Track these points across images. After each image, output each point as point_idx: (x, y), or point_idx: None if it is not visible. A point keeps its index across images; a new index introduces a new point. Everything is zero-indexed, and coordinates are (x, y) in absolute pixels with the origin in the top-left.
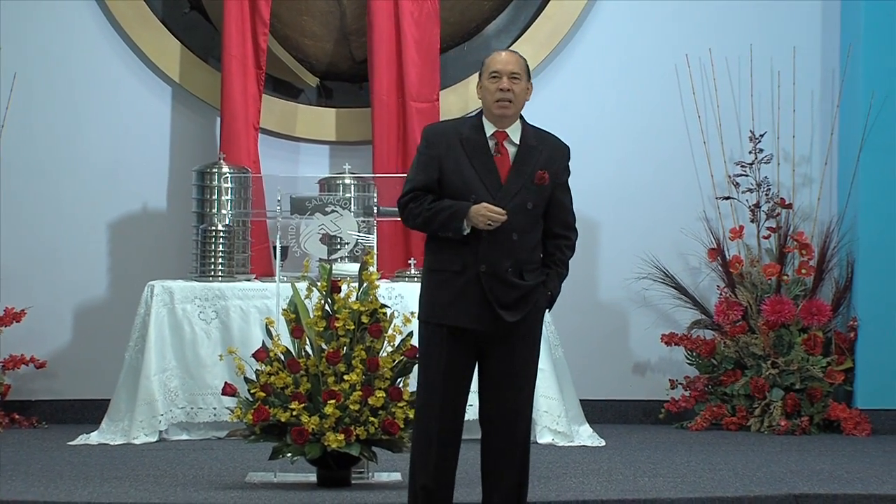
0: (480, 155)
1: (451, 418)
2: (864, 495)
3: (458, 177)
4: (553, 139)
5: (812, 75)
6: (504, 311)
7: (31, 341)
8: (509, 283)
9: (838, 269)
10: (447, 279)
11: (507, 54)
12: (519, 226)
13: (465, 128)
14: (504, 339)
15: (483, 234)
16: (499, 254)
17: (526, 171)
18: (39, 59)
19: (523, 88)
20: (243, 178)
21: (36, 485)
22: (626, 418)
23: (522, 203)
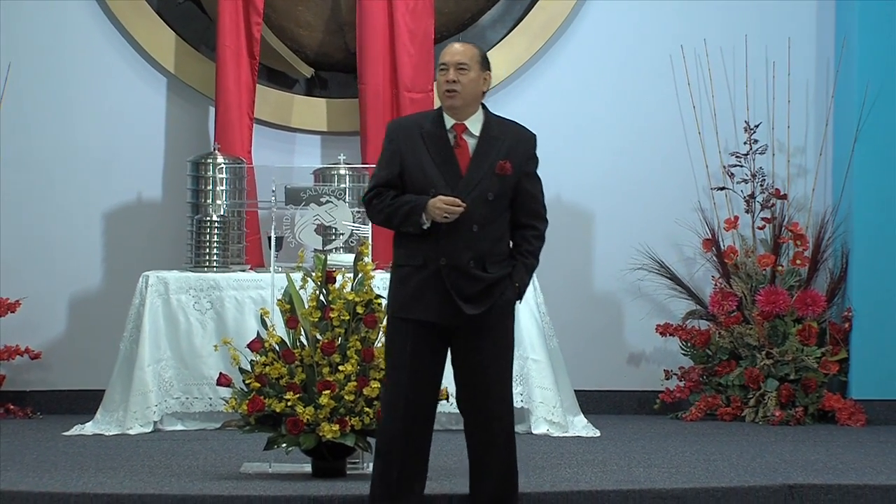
0: (440, 148)
1: (419, 414)
2: (859, 485)
3: (418, 171)
4: (517, 128)
5: (807, 66)
6: (466, 303)
7: (25, 332)
8: (471, 276)
9: (833, 260)
10: (410, 274)
11: (457, 46)
12: (479, 217)
13: (427, 121)
14: (472, 331)
15: (442, 227)
16: (459, 246)
17: (486, 162)
18: (33, 50)
19: (473, 79)
20: (238, 168)
21: (30, 475)
22: (621, 409)
23: (482, 194)
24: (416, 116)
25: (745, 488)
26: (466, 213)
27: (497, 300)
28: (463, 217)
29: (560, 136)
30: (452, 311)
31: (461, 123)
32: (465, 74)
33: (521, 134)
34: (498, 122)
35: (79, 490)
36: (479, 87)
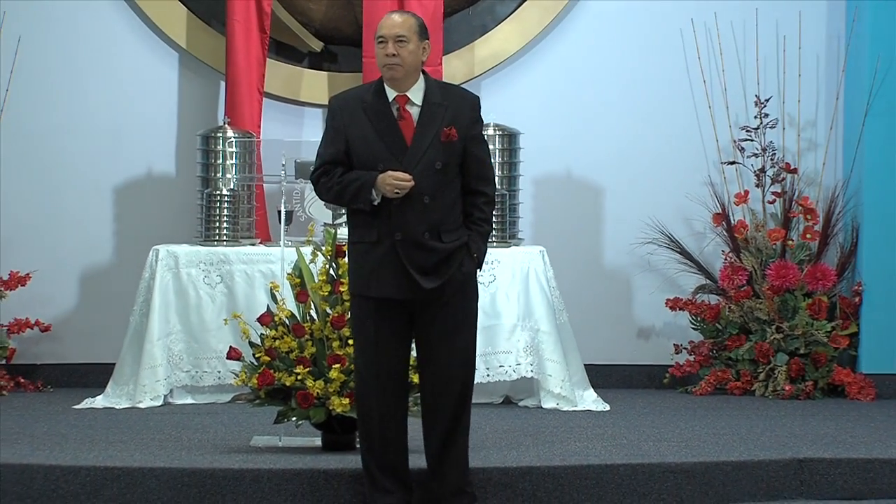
0: (383, 120)
1: (391, 388)
2: (869, 459)
3: (363, 145)
4: (460, 92)
5: (817, 40)
6: (423, 277)
7: (35, 305)
8: (427, 248)
9: (843, 234)
10: (366, 251)
11: (395, 16)
12: (429, 188)
13: (369, 95)
14: (433, 305)
15: (394, 201)
16: (412, 219)
17: (431, 130)
18: (44, 24)
19: (412, 50)
20: (248, 142)
21: (41, 448)
22: (631, 383)
23: (430, 164)
24: (357, 90)
25: (755, 462)
26: (416, 184)
27: (455, 272)
28: (413, 189)
29: (571, 111)
30: (411, 286)
31: (403, 95)
32: (404, 46)
33: (463, 98)
34: (440, 88)
35: (89, 463)
36: (418, 57)
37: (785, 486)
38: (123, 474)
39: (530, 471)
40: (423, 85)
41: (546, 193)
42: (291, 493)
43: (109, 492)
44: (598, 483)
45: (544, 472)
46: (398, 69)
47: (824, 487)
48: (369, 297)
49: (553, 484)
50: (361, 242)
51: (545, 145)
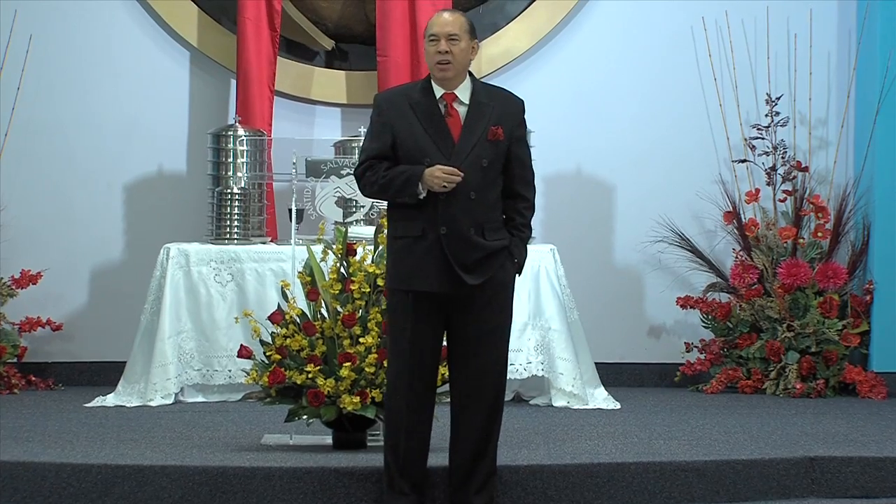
0: (431, 118)
1: (421, 386)
2: (880, 458)
3: (411, 141)
4: (506, 94)
5: (829, 37)
6: (466, 273)
7: (47, 303)
8: (472, 244)
9: (854, 233)
10: (409, 245)
11: (446, 15)
12: (475, 184)
13: (415, 92)
14: (471, 302)
15: (440, 196)
16: (458, 214)
17: (478, 128)
18: (55, 23)
19: (463, 49)
20: (259, 140)
21: (52, 447)
22: (642, 381)
23: (477, 161)
24: (403, 88)
25: (766, 461)
26: (463, 181)
27: (496, 273)
28: (460, 185)
29: (581, 108)
30: (452, 281)
31: (451, 93)
32: (456, 45)
33: (509, 100)
34: (486, 89)
35: (100, 461)
36: (468, 56)
37: (796, 484)
38: (134, 472)
39: (541, 469)
40: (469, 84)
41: (556, 192)
42: (302, 491)
43: (120, 490)
44: (608, 481)
45: (555, 470)
46: (449, 67)
47: (836, 486)
48: (409, 292)
49: (564, 482)
50: (405, 237)
51: (555, 144)
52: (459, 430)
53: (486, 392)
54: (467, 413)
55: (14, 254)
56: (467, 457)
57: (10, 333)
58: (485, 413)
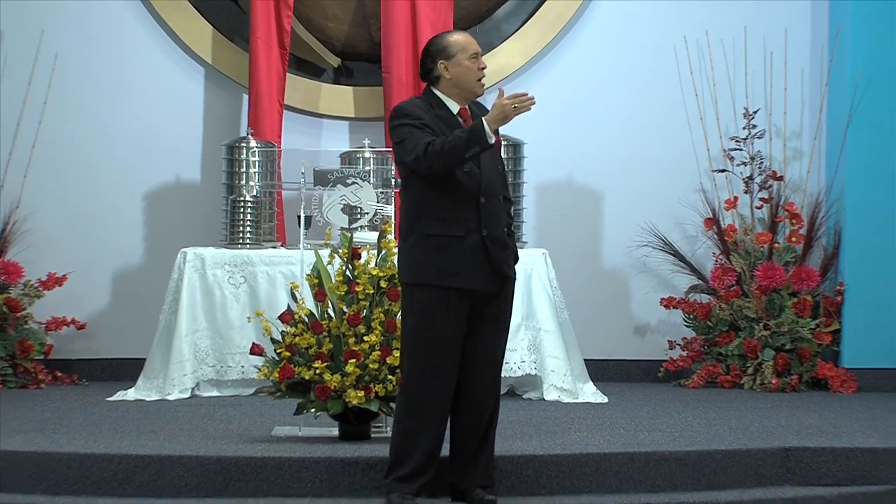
0: (453, 129)
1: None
2: (850, 448)
3: None
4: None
5: (802, 55)
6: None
7: (71, 304)
8: (505, 244)
9: (826, 238)
10: (450, 244)
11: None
12: (500, 189)
13: (433, 107)
14: (494, 299)
15: (481, 200)
16: (496, 217)
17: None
18: (79, 41)
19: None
20: (270, 151)
21: (77, 438)
22: (628, 377)
23: (495, 167)
24: (417, 101)
25: (744, 451)
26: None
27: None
28: (492, 190)
29: (570, 122)
30: (493, 280)
31: (465, 108)
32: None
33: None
34: (475, 104)
35: (121, 452)
36: None
37: (772, 473)
38: (153, 462)
39: (534, 459)
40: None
41: (548, 199)
42: (310, 479)
43: (140, 478)
44: (597, 470)
45: (547, 460)
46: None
47: (809, 474)
48: (451, 289)
49: (555, 471)
50: (443, 236)
51: (547, 154)
52: (465, 419)
53: (495, 381)
54: (476, 401)
55: (41, 258)
56: (470, 448)
57: (37, 332)
58: (492, 401)
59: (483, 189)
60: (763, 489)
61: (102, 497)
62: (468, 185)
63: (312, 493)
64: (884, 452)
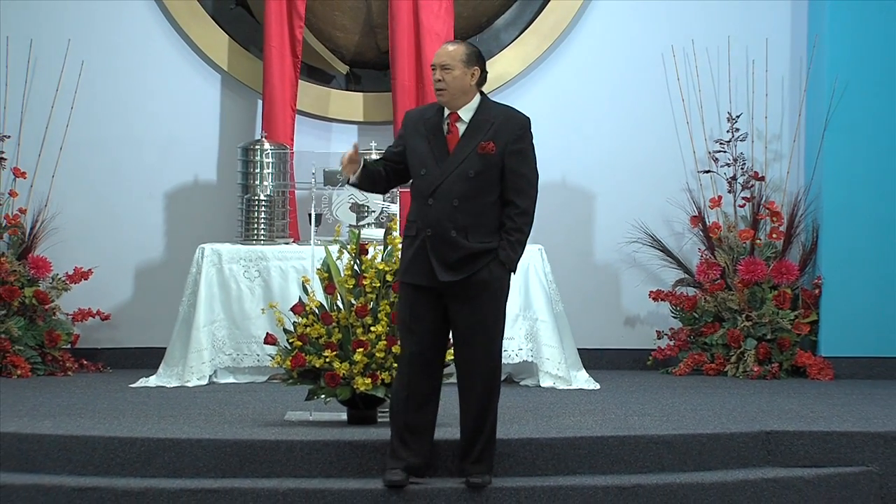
0: (435, 133)
1: (421, 370)
2: (828, 432)
3: (415, 153)
4: (509, 112)
5: (782, 63)
6: (444, 271)
7: (97, 296)
8: (453, 245)
9: (805, 234)
10: (408, 243)
11: (445, 47)
12: (459, 192)
13: (431, 112)
14: (461, 296)
15: (429, 202)
16: (442, 218)
17: (472, 143)
18: (104, 50)
19: (457, 76)
20: (282, 153)
21: (102, 422)
22: (618, 365)
23: (464, 171)
24: (425, 108)
25: (728, 434)
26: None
27: (481, 272)
28: (444, 192)
29: (565, 125)
30: (433, 276)
31: (455, 112)
32: (448, 73)
33: (511, 117)
34: (492, 108)
35: (143, 435)
36: (465, 81)
37: (754, 455)
38: (173, 445)
39: (530, 442)
40: (475, 105)
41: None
42: (320, 461)
43: (161, 460)
44: (590, 453)
45: (542, 443)
46: (444, 93)
47: (788, 457)
48: (406, 284)
49: (550, 453)
50: (407, 236)
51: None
52: (461, 409)
53: (476, 378)
54: (464, 394)
55: (68, 253)
56: (467, 433)
57: (65, 323)
58: (477, 396)
59: (434, 192)
60: (745, 470)
61: (125, 477)
62: (421, 188)
63: (323, 473)
64: (859, 436)
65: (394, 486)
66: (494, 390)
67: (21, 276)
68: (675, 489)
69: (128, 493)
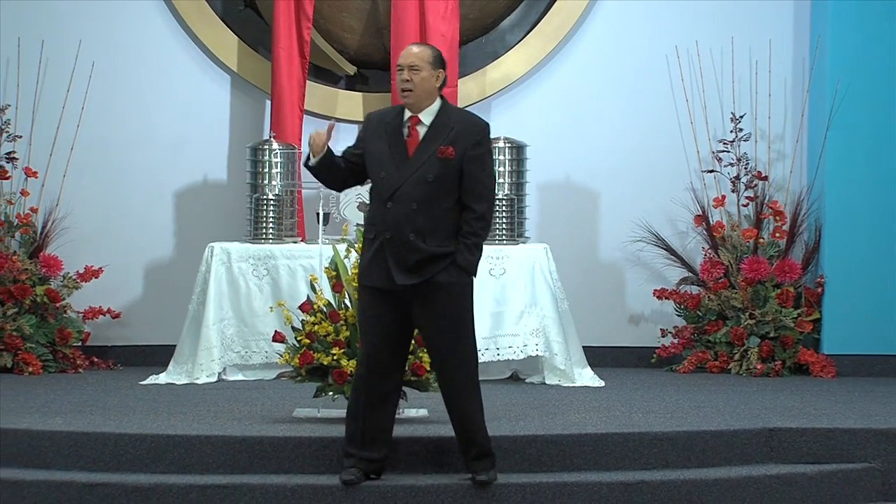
0: (395, 136)
1: (376, 369)
2: (830, 429)
3: (374, 155)
4: (470, 118)
5: (785, 64)
6: (401, 273)
7: (107, 295)
8: (411, 248)
9: (808, 233)
10: (367, 245)
11: (413, 48)
12: (418, 196)
13: (392, 115)
14: (421, 298)
15: (388, 206)
16: (401, 222)
17: (432, 147)
18: (114, 52)
19: (425, 77)
20: (290, 153)
21: (112, 419)
22: (623, 362)
23: (423, 175)
24: (388, 110)
25: (731, 431)
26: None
27: (438, 275)
28: (403, 196)
29: (570, 125)
30: (390, 279)
31: (416, 116)
32: (417, 74)
33: (471, 123)
34: (452, 113)
35: (153, 432)
36: (431, 83)
37: (757, 451)
38: (183, 441)
39: (535, 439)
40: (436, 109)
41: (549, 197)
42: (328, 457)
43: (171, 456)
44: (594, 449)
45: (548, 439)
46: (410, 94)
47: (791, 453)
48: (365, 286)
49: (555, 450)
50: (366, 239)
51: (548, 156)
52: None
53: (449, 378)
54: (444, 395)
55: (79, 252)
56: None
57: (75, 321)
58: (454, 396)
59: (393, 195)
60: (748, 467)
61: (136, 474)
62: (380, 190)
63: (330, 470)
64: (861, 432)
65: (349, 485)
66: (469, 388)
67: (32, 275)
68: (678, 485)
69: (138, 488)
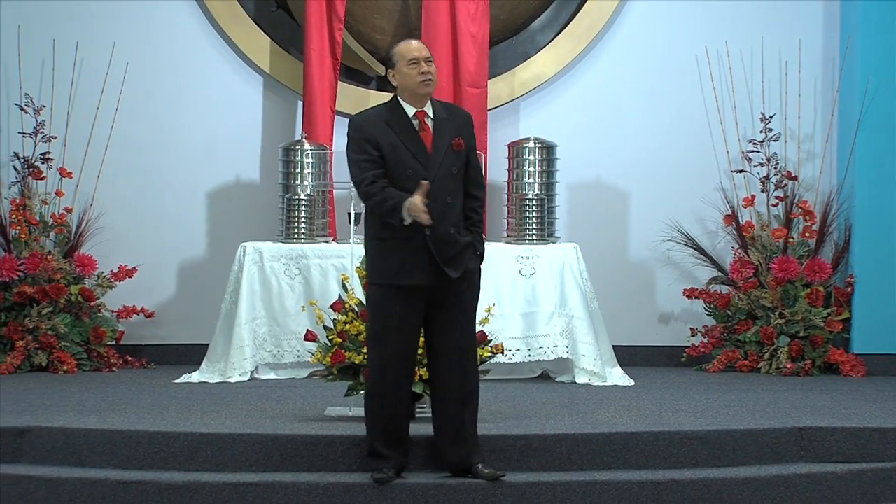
0: (407, 132)
1: (406, 374)
2: (860, 428)
3: (392, 153)
4: (457, 110)
5: (815, 64)
6: (448, 268)
7: (141, 294)
8: (452, 242)
9: (837, 233)
10: (398, 245)
11: (415, 42)
12: (450, 190)
13: (387, 113)
14: (450, 291)
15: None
16: (440, 217)
17: (445, 140)
18: (148, 53)
19: (435, 70)
20: (322, 153)
21: (146, 417)
22: (653, 362)
23: (448, 168)
24: (372, 110)
25: (761, 430)
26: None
27: (469, 264)
28: (439, 191)
29: (601, 125)
30: (438, 275)
31: (422, 110)
32: (431, 66)
33: (461, 114)
34: (442, 106)
35: (187, 430)
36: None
37: (787, 450)
38: (216, 439)
39: (565, 437)
40: (430, 103)
41: (579, 197)
42: (359, 455)
43: (204, 454)
44: (624, 448)
45: (578, 438)
46: (431, 84)
47: (821, 452)
48: (400, 287)
49: (585, 449)
50: (393, 238)
51: (578, 156)
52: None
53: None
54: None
55: (113, 252)
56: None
57: (110, 320)
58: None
59: (428, 192)
60: (778, 466)
61: (169, 471)
62: (410, 188)
63: (361, 468)
64: (891, 431)
65: (382, 483)
66: (477, 375)
67: (67, 274)
68: (708, 484)
69: (171, 486)
